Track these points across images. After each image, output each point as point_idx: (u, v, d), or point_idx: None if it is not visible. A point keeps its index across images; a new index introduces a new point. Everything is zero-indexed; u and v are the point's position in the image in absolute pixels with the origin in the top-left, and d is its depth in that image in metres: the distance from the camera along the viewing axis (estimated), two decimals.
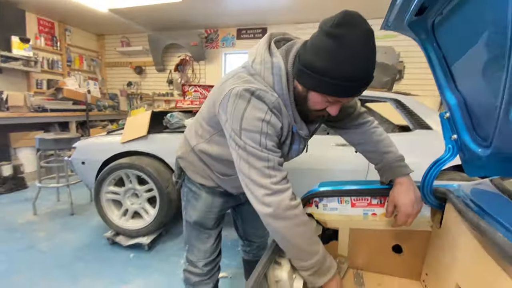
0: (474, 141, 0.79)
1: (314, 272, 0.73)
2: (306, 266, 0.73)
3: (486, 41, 0.61)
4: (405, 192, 0.88)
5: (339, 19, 0.63)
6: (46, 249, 2.10)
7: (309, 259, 0.73)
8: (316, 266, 0.73)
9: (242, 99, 0.72)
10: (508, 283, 0.52)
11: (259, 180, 0.70)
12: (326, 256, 0.76)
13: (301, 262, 0.74)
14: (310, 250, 0.73)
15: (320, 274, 0.74)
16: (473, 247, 0.66)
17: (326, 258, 0.76)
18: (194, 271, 1.12)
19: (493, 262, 0.58)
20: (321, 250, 0.76)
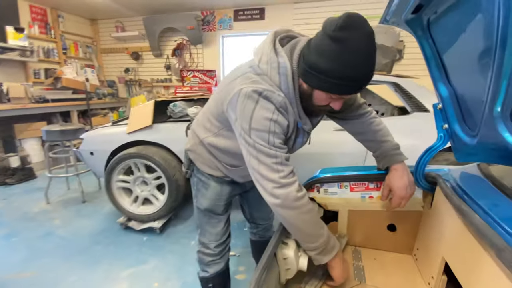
0: (463, 130, 0.86)
1: (320, 251, 0.83)
2: (312, 247, 0.82)
3: (475, 41, 0.66)
4: (400, 177, 0.96)
5: (341, 23, 0.67)
6: (64, 235, 2.24)
7: (315, 241, 0.82)
8: (322, 246, 0.83)
9: (251, 99, 0.77)
10: (485, 257, 0.61)
11: (268, 175, 0.77)
12: (330, 237, 0.85)
13: (308, 244, 0.83)
14: (316, 234, 0.82)
15: (325, 253, 0.84)
16: (457, 226, 0.75)
17: (330, 239, 0.85)
18: (206, 252, 1.23)
19: (473, 239, 0.67)
20: (325, 232, 0.85)
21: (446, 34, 0.77)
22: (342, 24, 0.66)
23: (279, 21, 4.37)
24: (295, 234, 0.85)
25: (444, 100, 0.87)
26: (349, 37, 0.67)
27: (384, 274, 1.03)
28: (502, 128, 0.66)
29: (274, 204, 0.79)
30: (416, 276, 1.01)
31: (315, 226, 0.82)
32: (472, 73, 0.74)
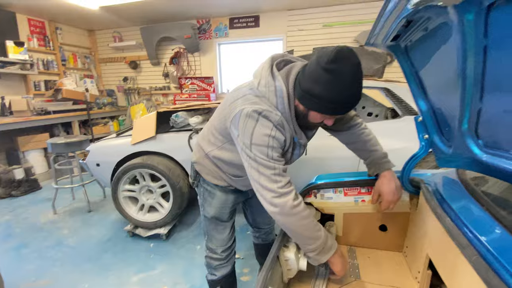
0: (441, 141, 0.97)
1: (319, 252, 0.92)
2: (311, 248, 0.92)
3: (444, 67, 0.77)
4: (388, 183, 1.07)
5: (333, 57, 0.77)
6: (73, 244, 2.32)
7: (314, 243, 0.91)
8: (320, 247, 0.92)
9: (252, 118, 0.88)
10: (456, 252, 0.72)
11: (267, 185, 0.87)
12: (327, 238, 0.94)
13: (307, 246, 0.92)
14: (313, 236, 0.91)
15: (323, 253, 0.93)
16: (437, 226, 0.86)
17: (328, 240, 0.94)
18: (214, 256, 1.32)
19: (448, 238, 0.78)
20: (323, 234, 0.94)
21: (421, 58, 0.88)
22: (333, 58, 0.77)
23: (273, 28, 4.49)
24: (294, 238, 0.94)
25: (423, 113, 0.99)
26: (339, 69, 0.77)
27: (377, 271, 1.13)
28: (469, 141, 0.78)
29: (273, 212, 0.88)
30: (405, 271, 1.12)
31: (313, 229, 0.91)
32: (445, 93, 0.85)
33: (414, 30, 0.77)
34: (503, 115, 0.61)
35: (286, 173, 0.92)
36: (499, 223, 0.64)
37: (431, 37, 0.77)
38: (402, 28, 0.79)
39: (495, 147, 0.69)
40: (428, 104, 0.97)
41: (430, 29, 0.72)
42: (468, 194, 0.81)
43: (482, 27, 0.52)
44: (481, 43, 0.55)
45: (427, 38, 0.78)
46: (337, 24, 4.17)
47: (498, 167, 0.68)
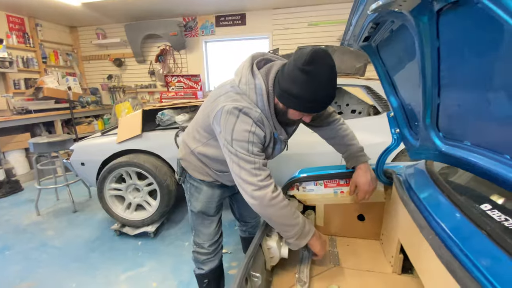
0: (410, 134, 1.05)
1: (298, 237, 0.98)
2: (291, 235, 0.97)
3: (408, 67, 0.84)
4: (363, 174, 1.14)
5: (309, 58, 0.82)
6: (59, 245, 2.29)
7: (292, 230, 0.97)
8: (298, 232, 0.98)
9: (232, 115, 0.92)
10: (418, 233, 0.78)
11: (248, 178, 0.91)
12: (305, 224, 1.00)
13: (287, 233, 0.98)
14: (292, 223, 0.97)
15: (302, 237, 0.99)
16: (405, 212, 0.93)
17: (305, 225, 1.00)
18: (201, 251, 1.35)
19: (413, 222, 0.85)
20: (301, 220, 0.99)
21: (390, 57, 0.95)
22: (309, 59, 0.82)
23: (259, 26, 4.53)
24: (275, 226, 1.00)
25: (395, 109, 1.06)
26: (315, 70, 0.83)
27: (355, 258, 1.21)
28: (432, 134, 0.85)
29: (253, 205, 0.93)
30: (381, 257, 1.20)
31: (291, 217, 0.97)
32: (411, 90, 0.92)
33: (382, 32, 0.84)
34: (457, 109, 0.68)
35: (265, 167, 0.96)
36: (455, 206, 0.71)
37: (396, 38, 0.83)
38: (372, 30, 0.85)
39: (453, 138, 0.77)
40: (398, 100, 1.04)
41: (395, 31, 0.78)
42: (432, 182, 0.89)
43: (434, 30, 0.59)
44: (435, 44, 0.61)
45: (393, 39, 0.84)
46: (322, 23, 4.26)
47: (455, 156, 0.75)
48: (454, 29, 0.54)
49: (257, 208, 0.93)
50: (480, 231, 0.60)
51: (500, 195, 0.73)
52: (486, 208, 0.66)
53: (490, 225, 0.59)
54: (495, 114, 0.53)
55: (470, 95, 0.59)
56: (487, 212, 0.65)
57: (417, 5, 0.52)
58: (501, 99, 0.49)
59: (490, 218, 0.62)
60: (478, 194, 0.79)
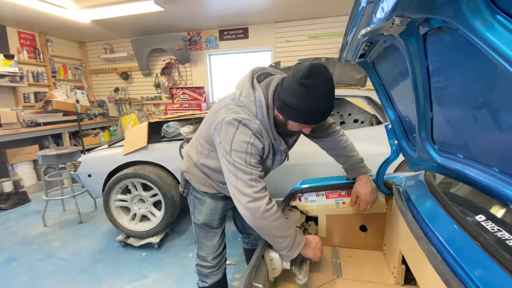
0: (408, 146, 1.08)
1: (289, 249, 0.98)
2: (283, 246, 0.97)
3: (402, 82, 0.88)
4: (364, 185, 1.17)
5: (307, 72, 0.86)
6: (65, 256, 2.32)
7: (284, 241, 0.97)
8: (290, 244, 0.97)
9: (232, 126, 0.96)
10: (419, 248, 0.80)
11: (244, 189, 0.92)
12: (296, 234, 1.00)
13: (279, 245, 0.97)
14: (284, 235, 0.97)
15: (294, 248, 0.99)
16: (405, 224, 0.95)
17: (297, 236, 1.00)
18: (204, 264, 1.35)
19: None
20: (292, 231, 0.98)
21: (385, 73, 0.99)
22: (307, 73, 0.86)
23: (261, 39, 4.65)
24: (267, 238, 0.99)
25: (392, 122, 1.09)
26: (313, 83, 0.86)
27: (358, 269, 1.21)
28: (428, 146, 0.88)
29: (246, 216, 0.94)
30: (384, 268, 1.20)
31: (283, 229, 0.97)
32: (406, 104, 0.96)
33: (376, 49, 0.88)
34: (448, 123, 0.72)
35: (262, 179, 0.98)
36: (451, 217, 0.73)
37: (390, 55, 0.88)
38: (367, 48, 0.90)
39: (447, 151, 0.79)
40: (395, 113, 1.08)
41: (388, 49, 0.83)
42: (430, 193, 0.91)
43: (422, 50, 0.63)
44: (424, 63, 0.65)
45: (387, 56, 0.89)
46: (322, 36, 4.36)
47: (451, 168, 0.78)
48: (439, 50, 0.58)
49: (250, 220, 0.94)
50: (474, 241, 0.62)
51: (495, 207, 0.74)
52: (480, 219, 0.68)
53: (484, 236, 0.61)
54: (481, 129, 0.56)
55: (458, 111, 0.62)
56: (482, 223, 0.67)
57: (404, 30, 0.56)
58: (485, 115, 0.53)
59: (484, 229, 0.64)
60: (474, 206, 0.80)
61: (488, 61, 0.44)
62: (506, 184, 0.55)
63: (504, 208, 0.69)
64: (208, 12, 4.01)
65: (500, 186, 0.56)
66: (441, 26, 0.51)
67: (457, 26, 0.45)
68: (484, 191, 0.64)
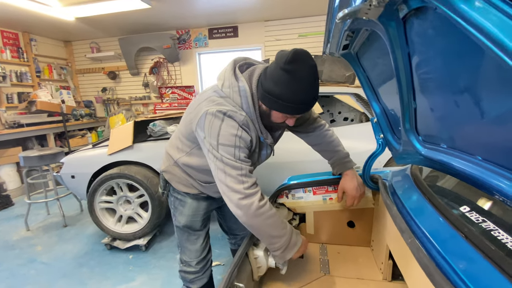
0: (394, 139, 1.06)
1: (284, 249, 0.94)
2: (277, 247, 0.93)
3: (386, 73, 0.86)
4: (350, 180, 1.14)
5: (290, 58, 0.82)
6: (47, 261, 2.23)
7: (279, 241, 0.93)
8: (285, 245, 0.94)
9: (217, 118, 0.90)
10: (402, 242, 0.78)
11: (234, 186, 0.87)
12: (292, 235, 0.96)
13: (273, 245, 0.93)
14: (279, 234, 0.92)
15: (289, 249, 0.95)
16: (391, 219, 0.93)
17: (292, 236, 0.95)
18: (188, 270, 1.28)
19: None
20: (288, 231, 0.94)
21: (369, 64, 0.97)
22: (290, 59, 0.82)
23: (251, 38, 4.61)
24: (261, 238, 0.95)
25: (378, 115, 1.07)
26: (297, 69, 0.83)
27: (346, 265, 1.19)
28: (412, 138, 0.86)
29: (239, 215, 0.89)
30: (372, 264, 1.19)
31: (279, 226, 0.93)
32: (390, 96, 0.94)
33: (359, 39, 0.86)
34: (430, 112, 0.70)
35: (252, 174, 0.93)
36: (436, 210, 0.71)
37: (373, 45, 0.85)
38: (349, 38, 0.87)
39: (431, 142, 0.78)
40: (380, 106, 1.06)
41: (370, 38, 0.81)
42: (415, 186, 0.89)
43: (403, 36, 0.60)
44: (405, 50, 0.63)
45: (370, 46, 0.86)
46: (312, 34, 4.35)
47: (435, 160, 0.76)
48: (419, 34, 0.56)
49: (244, 218, 0.89)
50: (459, 233, 0.60)
51: (480, 198, 0.73)
52: (465, 210, 0.66)
53: (468, 227, 0.59)
54: (463, 116, 0.54)
55: (441, 98, 0.60)
56: (466, 214, 0.65)
57: (382, 13, 0.54)
58: (467, 101, 0.50)
59: (468, 220, 0.62)
60: (460, 198, 0.79)
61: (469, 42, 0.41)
62: (489, 172, 0.53)
63: (489, 198, 0.67)
64: (197, 10, 3.95)
65: (483, 175, 0.54)
66: (419, 6, 0.49)
67: (435, 5, 0.42)
68: (469, 182, 0.62)
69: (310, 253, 1.28)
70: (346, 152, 1.22)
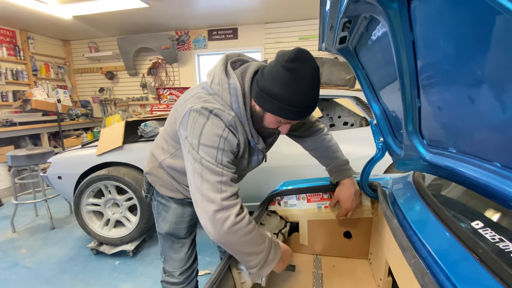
0: (395, 143, 0.97)
1: (260, 267, 0.81)
2: (252, 264, 0.81)
3: (386, 66, 0.77)
4: (346, 190, 1.06)
5: (293, 56, 0.74)
6: (31, 265, 2.13)
7: (256, 258, 0.80)
8: (262, 261, 0.81)
9: (202, 116, 0.80)
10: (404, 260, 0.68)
11: (210, 194, 0.74)
12: (270, 248, 0.83)
13: (248, 263, 0.82)
14: (255, 251, 0.80)
15: (265, 266, 0.82)
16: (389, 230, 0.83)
17: (271, 251, 0.83)
18: (171, 281, 1.17)
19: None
20: (266, 246, 0.82)
21: (368, 60, 0.88)
22: (293, 56, 0.73)
23: (251, 40, 4.56)
24: (235, 255, 0.83)
25: (377, 116, 0.98)
26: (299, 68, 0.74)
27: (341, 280, 1.09)
28: (415, 141, 0.77)
29: (210, 231, 0.75)
30: (369, 279, 1.08)
31: (255, 243, 0.80)
32: (391, 95, 0.85)
33: (357, 31, 0.77)
34: (438, 112, 0.61)
35: (234, 183, 0.81)
36: (443, 224, 0.62)
37: (372, 36, 0.77)
38: (346, 30, 0.79)
39: (437, 146, 0.68)
40: (380, 107, 0.97)
41: (369, 29, 0.72)
42: (418, 196, 0.80)
43: (406, 20, 0.52)
44: (409, 37, 0.54)
45: (369, 39, 0.78)
46: (313, 37, 4.29)
47: (441, 166, 0.67)
48: (427, 17, 0.47)
49: (213, 235, 0.75)
50: (471, 254, 0.50)
51: (494, 210, 0.63)
52: (478, 226, 0.57)
53: (482, 247, 0.50)
54: (480, 114, 0.45)
55: (451, 95, 0.51)
56: (479, 230, 0.55)
57: None
58: (485, 96, 0.41)
59: (482, 238, 0.53)
60: (470, 210, 0.69)
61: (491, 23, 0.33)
62: (509, 181, 0.43)
63: (505, 212, 0.57)
64: (196, 11, 3.90)
65: (502, 184, 0.45)
66: None
67: None
68: (482, 192, 0.52)
69: (302, 266, 1.18)
70: (345, 159, 1.12)
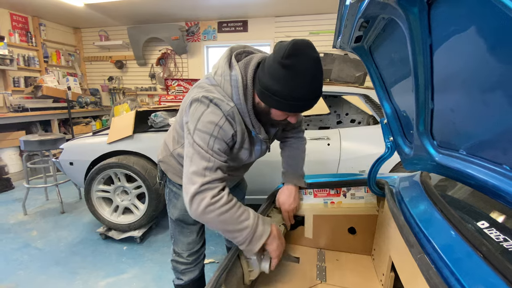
0: (404, 143, 0.98)
1: (248, 242, 0.85)
2: (240, 240, 0.84)
3: (401, 67, 0.78)
4: (286, 193, 1.16)
5: (288, 51, 0.74)
6: (41, 247, 2.21)
7: (239, 235, 0.84)
8: (248, 237, 0.84)
9: (202, 104, 0.84)
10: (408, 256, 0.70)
11: (193, 177, 0.80)
12: (257, 225, 0.86)
13: (235, 239, 0.85)
14: (239, 228, 0.84)
15: (254, 242, 0.85)
16: (396, 228, 0.86)
17: (258, 227, 0.86)
18: (180, 260, 1.25)
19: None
20: (251, 222, 0.85)
21: (383, 59, 0.89)
22: (288, 52, 0.74)
23: (261, 33, 4.53)
24: (222, 233, 0.87)
25: (388, 116, 1.00)
26: (296, 63, 0.74)
27: (344, 274, 1.12)
28: (426, 142, 0.79)
29: (192, 212, 0.81)
30: (372, 274, 1.11)
31: (236, 222, 0.84)
32: (404, 95, 0.86)
33: (374, 31, 0.78)
34: (451, 114, 0.62)
35: (222, 172, 0.85)
36: (449, 223, 0.64)
37: (389, 37, 0.78)
38: (363, 29, 0.80)
39: (447, 147, 0.70)
40: (392, 106, 0.98)
41: (387, 29, 0.73)
42: (425, 195, 0.82)
43: (426, 24, 0.53)
44: (427, 41, 0.56)
45: (386, 39, 0.79)
46: (323, 32, 4.25)
47: (451, 167, 0.68)
48: (447, 23, 0.49)
49: (193, 214, 0.82)
50: (476, 252, 0.52)
51: (500, 212, 0.65)
52: (483, 226, 0.59)
53: (487, 246, 0.52)
54: (493, 118, 0.47)
55: (465, 97, 0.53)
56: (484, 230, 0.57)
57: None
58: (500, 100, 0.43)
59: (487, 238, 0.55)
60: (476, 210, 0.71)
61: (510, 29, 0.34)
62: None
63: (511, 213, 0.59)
64: (207, 2, 3.89)
65: (510, 186, 0.47)
66: None
67: None
68: (490, 193, 0.54)
69: (307, 258, 1.21)
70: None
